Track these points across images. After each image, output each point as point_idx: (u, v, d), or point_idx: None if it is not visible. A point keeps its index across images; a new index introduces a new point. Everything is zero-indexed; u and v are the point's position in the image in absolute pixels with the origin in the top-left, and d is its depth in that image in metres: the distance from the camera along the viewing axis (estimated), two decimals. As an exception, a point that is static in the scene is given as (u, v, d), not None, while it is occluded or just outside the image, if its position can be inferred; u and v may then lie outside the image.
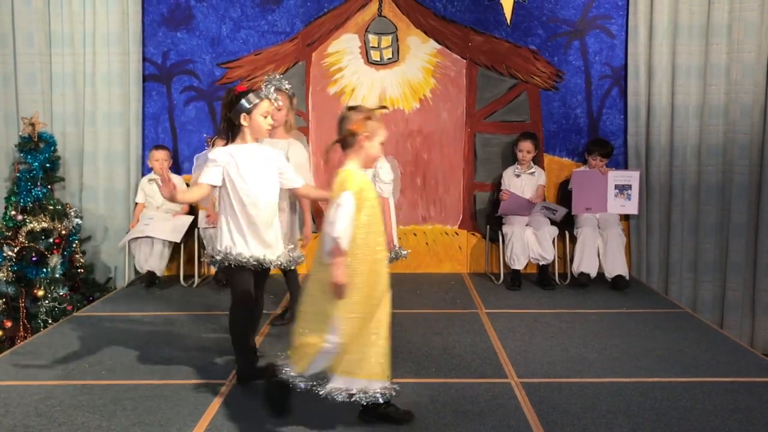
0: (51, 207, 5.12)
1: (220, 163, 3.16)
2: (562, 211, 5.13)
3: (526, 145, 5.23)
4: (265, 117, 3.18)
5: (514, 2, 5.45)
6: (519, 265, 5.08)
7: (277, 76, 3.80)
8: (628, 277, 5.03)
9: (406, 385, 3.19)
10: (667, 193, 5.46)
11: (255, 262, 3.17)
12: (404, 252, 4.11)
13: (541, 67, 5.51)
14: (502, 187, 5.35)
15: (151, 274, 5.05)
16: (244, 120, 3.16)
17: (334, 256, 2.59)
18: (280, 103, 3.55)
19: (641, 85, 5.38)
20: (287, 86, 3.93)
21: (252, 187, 3.16)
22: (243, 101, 3.14)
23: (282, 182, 3.29)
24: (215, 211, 4.83)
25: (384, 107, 3.04)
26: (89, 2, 5.39)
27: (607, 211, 5.17)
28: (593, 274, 5.05)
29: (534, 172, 5.29)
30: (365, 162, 2.80)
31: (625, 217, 5.44)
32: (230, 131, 3.22)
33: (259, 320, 3.59)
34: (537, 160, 5.42)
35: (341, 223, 2.59)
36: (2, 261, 4.89)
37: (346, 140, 2.76)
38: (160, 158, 5.29)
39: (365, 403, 2.71)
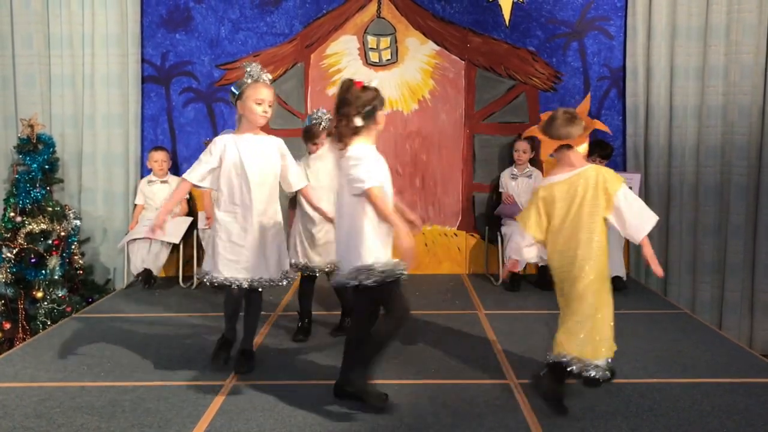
0: (50, 208, 5.12)
1: (381, 164, 2.91)
2: None
3: (522, 145, 5.24)
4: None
5: (513, 3, 5.46)
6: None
7: (254, 64, 3.38)
8: (625, 278, 5.04)
9: (406, 386, 3.20)
10: (666, 194, 5.46)
11: (401, 272, 2.88)
12: None
13: (539, 69, 5.52)
14: (500, 189, 5.36)
15: (147, 272, 5.04)
16: (379, 119, 2.96)
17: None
18: None
19: (640, 86, 5.39)
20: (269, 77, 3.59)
21: (390, 189, 2.95)
22: (381, 98, 2.92)
23: None
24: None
25: None
26: (88, 4, 5.40)
27: (606, 212, 5.17)
28: (592, 275, 5.04)
29: (531, 174, 5.29)
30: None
31: (624, 218, 5.43)
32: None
33: None
34: (534, 162, 5.42)
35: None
36: (1, 262, 4.89)
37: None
38: (159, 159, 5.29)
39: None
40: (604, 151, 5.26)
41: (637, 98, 5.40)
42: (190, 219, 5.26)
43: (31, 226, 4.97)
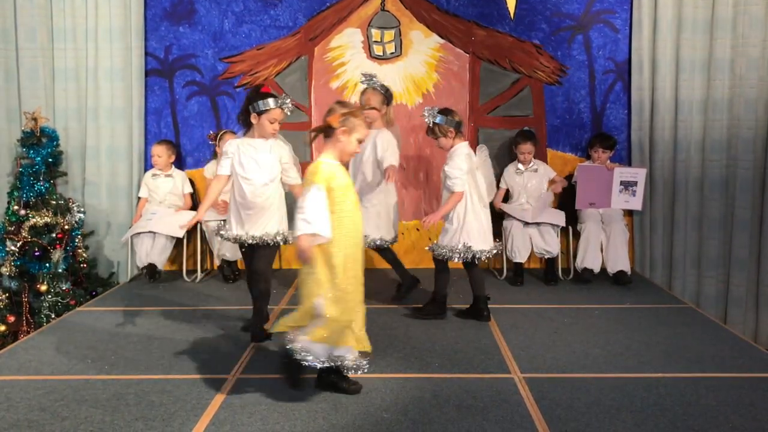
0: (54, 202, 5.12)
1: None
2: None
3: (527, 147, 5.19)
4: None
5: (518, -4, 5.43)
6: (520, 258, 5.07)
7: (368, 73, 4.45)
8: (630, 273, 5.02)
9: (409, 380, 3.20)
10: (671, 188, 5.44)
11: None
12: None
13: (544, 62, 5.49)
14: (501, 185, 5.34)
15: (152, 267, 5.05)
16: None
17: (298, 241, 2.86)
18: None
19: (645, 79, 5.36)
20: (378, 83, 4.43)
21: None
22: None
23: None
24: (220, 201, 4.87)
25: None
26: (91, -3, 5.39)
27: (611, 206, 5.15)
28: (597, 269, 5.04)
29: (537, 169, 5.25)
30: (340, 155, 3.03)
31: (629, 213, 5.42)
32: None
33: None
34: (539, 156, 5.39)
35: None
36: (5, 256, 4.90)
37: (325, 132, 3.02)
38: (154, 153, 5.30)
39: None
40: (606, 142, 5.24)
41: (642, 92, 5.37)
42: (194, 213, 5.25)
43: (34, 220, 4.97)
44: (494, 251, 4.19)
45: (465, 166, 4.04)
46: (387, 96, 4.46)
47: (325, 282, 2.86)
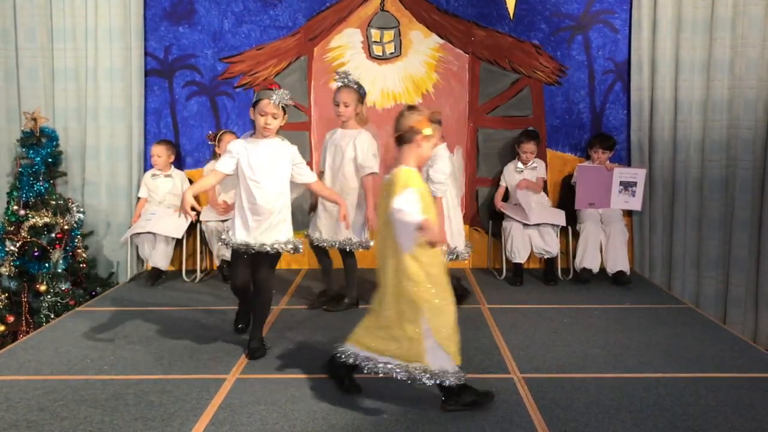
0: (53, 202, 5.12)
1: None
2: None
3: (530, 146, 5.20)
4: None
5: (517, -4, 5.43)
6: (520, 258, 5.07)
7: (342, 71, 4.29)
8: (629, 273, 5.02)
9: (409, 381, 3.20)
10: (671, 188, 5.44)
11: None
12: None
13: (544, 62, 5.49)
14: (501, 183, 5.34)
15: (155, 271, 5.05)
16: None
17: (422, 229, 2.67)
18: None
19: (644, 79, 5.36)
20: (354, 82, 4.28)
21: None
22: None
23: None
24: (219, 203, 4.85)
25: (438, 111, 3.23)
26: (91, -3, 5.39)
27: (611, 207, 5.14)
28: (596, 269, 5.04)
29: (536, 166, 5.27)
30: (418, 161, 2.89)
31: (628, 213, 5.42)
32: None
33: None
34: (538, 154, 5.39)
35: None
36: (5, 256, 4.89)
37: (404, 137, 2.85)
38: (154, 153, 5.30)
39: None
40: (605, 142, 5.24)
41: (641, 92, 5.37)
42: (193, 213, 5.24)
43: (34, 220, 4.97)
44: (469, 249, 4.52)
45: (448, 170, 4.11)
46: (361, 94, 4.33)
47: (428, 289, 2.78)
